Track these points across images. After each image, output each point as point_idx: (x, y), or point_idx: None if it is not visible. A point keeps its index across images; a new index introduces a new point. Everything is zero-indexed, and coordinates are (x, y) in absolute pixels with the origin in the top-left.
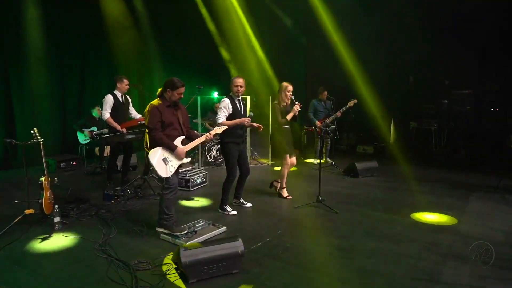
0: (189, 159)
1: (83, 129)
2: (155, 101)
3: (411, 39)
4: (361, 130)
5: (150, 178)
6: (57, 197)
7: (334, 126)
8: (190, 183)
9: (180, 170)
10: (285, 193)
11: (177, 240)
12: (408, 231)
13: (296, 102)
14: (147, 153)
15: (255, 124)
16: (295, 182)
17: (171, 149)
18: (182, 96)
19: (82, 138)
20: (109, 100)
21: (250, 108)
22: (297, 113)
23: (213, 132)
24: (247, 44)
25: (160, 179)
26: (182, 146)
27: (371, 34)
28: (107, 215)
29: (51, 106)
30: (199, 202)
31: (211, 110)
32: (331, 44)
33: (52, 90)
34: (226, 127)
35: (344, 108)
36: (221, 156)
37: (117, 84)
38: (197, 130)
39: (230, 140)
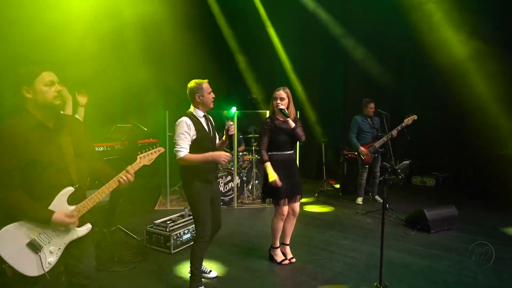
0: (86, 229)
1: None
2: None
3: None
4: (417, 156)
5: (115, 229)
6: None
7: (407, 161)
8: (172, 241)
9: (157, 221)
10: (279, 256)
11: None
12: None
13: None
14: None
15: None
16: (329, 236)
17: (41, 220)
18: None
19: None
20: None
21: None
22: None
23: (134, 167)
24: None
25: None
26: (68, 207)
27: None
28: None
29: None
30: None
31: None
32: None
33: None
34: (150, 161)
35: (399, 127)
36: (230, 191)
37: None
38: None
39: (197, 178)
